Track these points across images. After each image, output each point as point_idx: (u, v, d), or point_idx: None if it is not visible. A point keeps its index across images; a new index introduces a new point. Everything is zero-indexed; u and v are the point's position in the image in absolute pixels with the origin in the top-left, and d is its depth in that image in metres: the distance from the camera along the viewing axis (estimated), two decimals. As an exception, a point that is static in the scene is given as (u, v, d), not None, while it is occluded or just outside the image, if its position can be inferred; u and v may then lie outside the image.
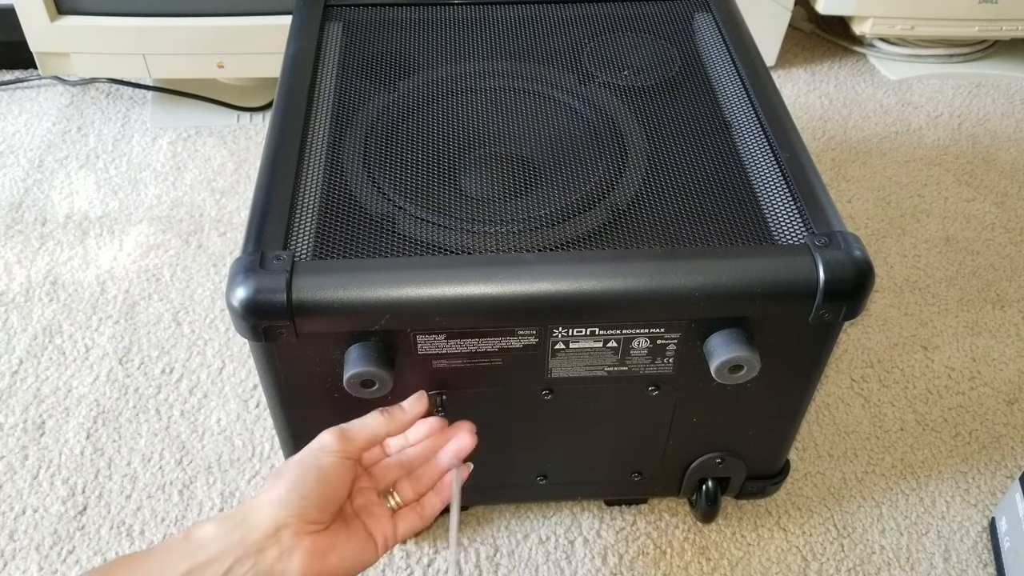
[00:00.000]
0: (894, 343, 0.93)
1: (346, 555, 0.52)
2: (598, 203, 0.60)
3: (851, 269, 0.55)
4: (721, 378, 0.58)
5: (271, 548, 0.48)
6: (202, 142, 1.15)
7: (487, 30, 0.77)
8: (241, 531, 0.48)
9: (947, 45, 1.32)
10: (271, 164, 0.62)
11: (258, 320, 0.53)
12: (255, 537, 0.48)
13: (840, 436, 0.84)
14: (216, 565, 0.47)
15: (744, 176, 0.63)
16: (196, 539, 0.49)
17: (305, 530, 0.50)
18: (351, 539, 0.53)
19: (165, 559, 0.48)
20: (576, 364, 0.60)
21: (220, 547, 0.48)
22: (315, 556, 0.50)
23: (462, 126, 0.67)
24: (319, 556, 0.50)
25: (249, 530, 0.48)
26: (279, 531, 0.49)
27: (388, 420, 0.56)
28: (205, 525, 0.49)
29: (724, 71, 0.73)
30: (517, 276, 0.55)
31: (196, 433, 0.83)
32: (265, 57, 1.08)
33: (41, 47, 1.06)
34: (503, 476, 0.71)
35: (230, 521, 0.49)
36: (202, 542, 0.48)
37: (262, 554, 0.48)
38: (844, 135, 1.20)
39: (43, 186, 1.08)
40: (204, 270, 0.98)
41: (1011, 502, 0.74)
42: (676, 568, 0.74)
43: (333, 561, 0.51)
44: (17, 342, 0.90)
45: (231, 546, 0.48)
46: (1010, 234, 1.06)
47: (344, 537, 0.53)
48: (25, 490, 0.78)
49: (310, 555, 0.49)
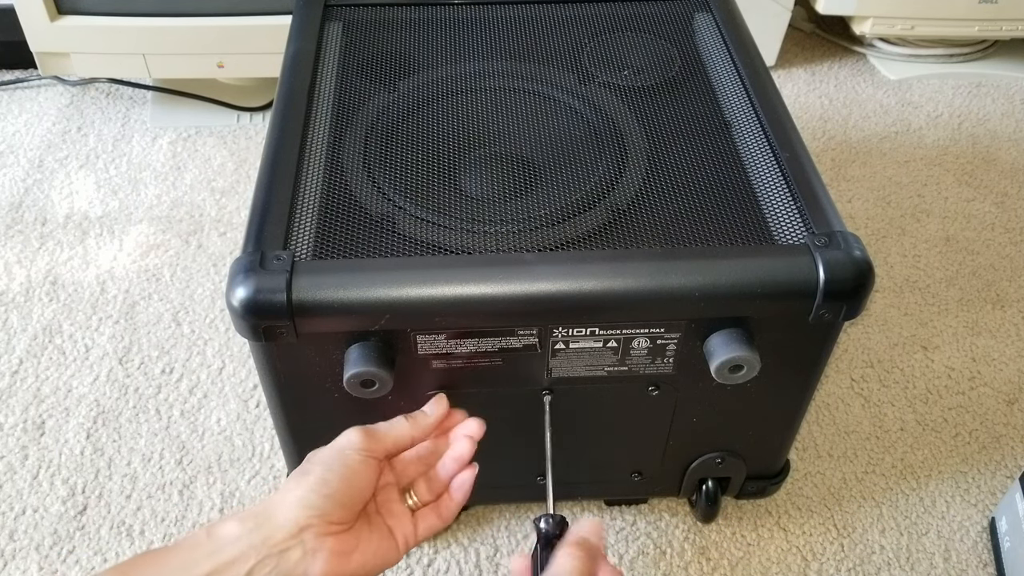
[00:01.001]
0: (894, 343, 0.93)
1: (368, 555, 0.52)
2: (598, 203, 0.60)
3: (851, 269, 0.55)
4: (721, 378, 0.58)
5: (294, 549, 0.48)
6: (202, 142, 1.15)
7: (487, 30, 0.77)
8: (264, 531, 0.48)
9: (947, 45, 1.32)
10: (271, 164, 0.62)
11: (258, 320, 0.53)
12: (278, 537, 0.48)
13: (840, 436, 0.84)
14: (239, 565, 0.47)
15: (744, 176, 0.63)
16: (219, 537, 0.48)
17: (328, 531, 0.50)
18: (373, 539, 0.53)
19: (188, 557, 0.47)
20: (576, 364, 0.60)
21: (243, 547, 0.47)
22: (338, 557, 0.50)
23: (462, 126, 0.67)
24: (342, 557, 0.50)
25: (273, 530, 0.48)
26: (302, 531, 0.48)
27: (413, 426, 0.56)
28: (228, 523, 0.49)
29: (724, 71, 0.73)
30: (517, 276, 0.55)
31: (196, 433, 0.83)
32: (265, 57, 1.08)
33: (41, 47, 1.06)
34: (503, 476, 0.71)
35: (253, 520, 0.49)
36: (225, 541, 0.48)
37: (285, 555, 0.48)
38: (844, 135, 1.20)
39: (43, 186, 1.08)
40: (204, 270, 0.98)
41: (1011, 502, 0.74)
42: (676, 568, 0.74)
43: (356, 561, 0.51)
44: (17, 342, 0.90)
45: (254, 546, 0.48)
46: (1010, 234, 1.06)
47: (367, 537, 0.52)
48: (25, 490, 0.78)
49: (333, 556, 0.49)
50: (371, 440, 0.53)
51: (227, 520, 0.49)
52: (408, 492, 0.57)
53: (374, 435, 0.54)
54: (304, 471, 0.51)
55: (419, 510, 0.57)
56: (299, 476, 0.51)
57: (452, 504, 0.57)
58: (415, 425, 0.56)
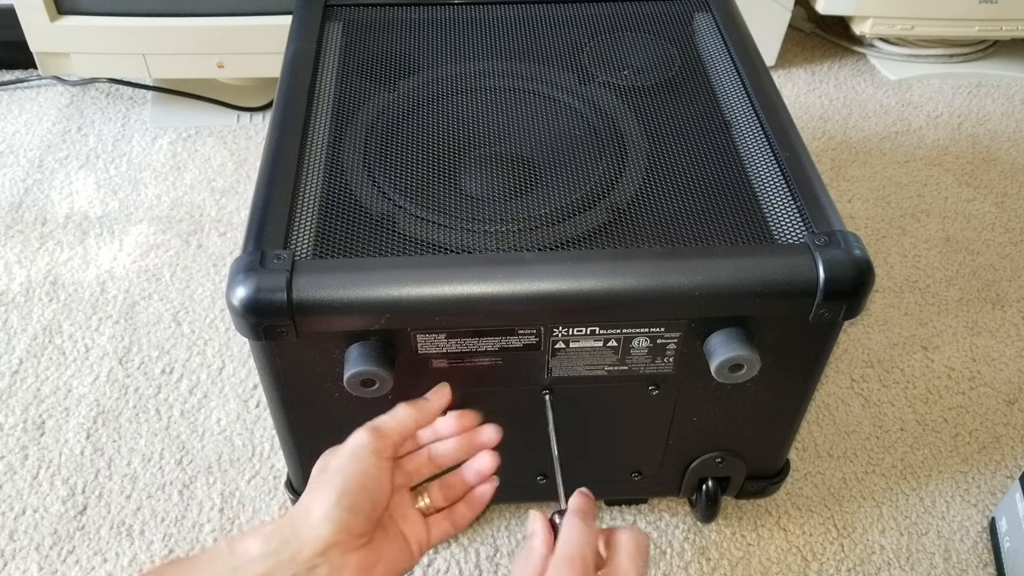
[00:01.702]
0: (894, 343, 0.93)
1: (389, 566, 0.52)
2: (598, 202, 0.60)
3: (851, 268, 0.55)
4: (721, 377, 0.58)
5: (322, 567, 0.48)
6: (202, 142, 1.15)
7: (487, 30, 0.77)
8: (291, 549, 0.48)
9: (947, 45, 1.32)
10: (271, 164, 0.62)
11: (258, 319, 0.53)
12: (305, 555, 0.48)
13: (840, 436, 0.84)
14: None
15: (744, 176, 0.63)
16: (241, 553, 0.48)
17: (353, 546, 0.49)
18: (392, 549, 0.53)
19: (210, 572, 0.47)
20: (576, 364, 0.60)
21: (269, 565, 0.47)
22: (363, 572, 0.50)
23: (462, 125, 0.67)
24: (366, 572, 0.50)
25: (299, 548, 0.48)
26: (329, 549, 0.48)
27: (416, 411, 0.56)
28: (250, 540, 0.48)
29: (724, 71, 0.73)
30: (517, 276, 0.55)
31: (196, 433, 0.83)
32: (265, 57, 1.08)
33: (41, 47, 1.06)
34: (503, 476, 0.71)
35: (278, 537, 0.48)
36: (249, 557, 0.48)
37: (312, 572, 0.48)
38: (844, 135, 1.20)
39: (43, 186, 1.08)
40: (204, 270, 0.98)
41: (1011, 502, 0.74)
42: (676, 568, 0.74)
43: (379, 574, 0.51)
44: (17, 342, 0.90)
45: (280, 564, 0.47)
46: (1010, 234, 1.06)
47: (386, 547, 0.52)
48: (25, 490, 0.78)
49: (359, 572, 0.49)
50: (378, 438, 0.53)
51: (250, 535, 0.49)
52: (421, 495, 0.57)
53: (380, 431, 0.54)
54: (321, 483, 0.51)
55: (431, 516, 0.57)
56: (318, 489, 0.50)
57: (468, 513, 0.58)
58: (418, 410, 0.56)
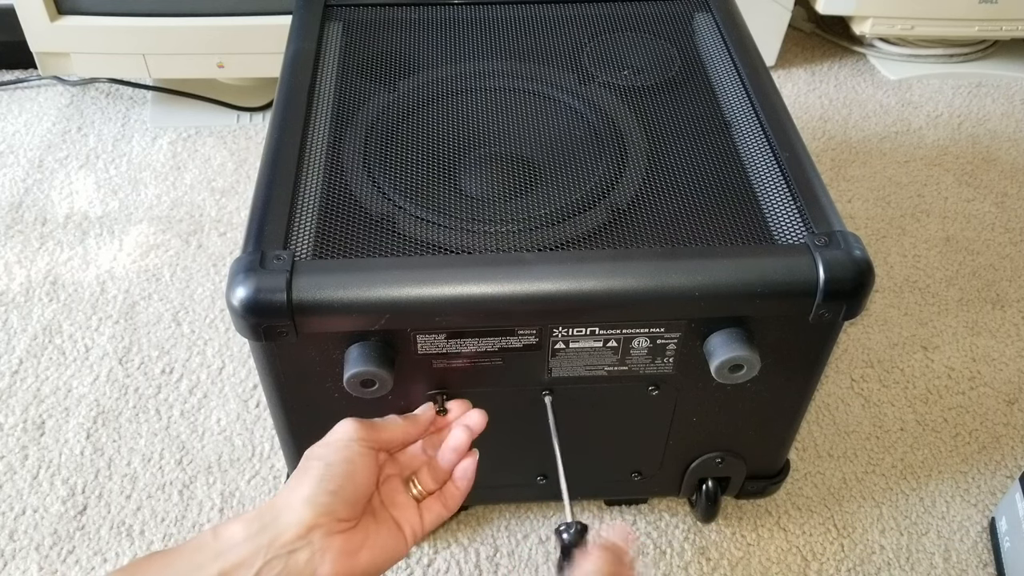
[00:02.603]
0: (894, 343, 0.93)
1: (377, 551, 0.52)
2: (598, 203, 0.60)
3: (851, 269, 0.55)
4: (721, 378, 0.58)
5: (302, 550, 0.48)
6: (202, 142, 1.15)
7: (487, 30, 0.77)
8: (271, 532, 0.48)
9: (947, 45, 1.32)
10: (271, 164, 0.62)
11: (258, 320, 0.53)
12: (286, 538, 0.48)
13: (840, 436, 0.84)
14: (246, 567, 0.47)
15: (744, 176, 0.63)
16: (225, 539, 0.48)
17: (336, 529, 0.49)
18: (380, 533, 0.53)
19: (194, 559, 0.47)
20: (576, 364, 0.60)
21: (250, 549, 0.47)
22: (346, 555, 0.50)
23: (462, 126, 0.67)
24: (350, 555, 0.50)
25: (280, 531, 0.48)
26: (310, 532, 0.48)
27: (407, 423, 0.56)
28: (234, 524, 0.49)
29: (724, 71, 0.73)
30: (517, 276, 0.55)
31: (196, 433, 0.83)
32: (265, 57, 1.08)
33: (41, 47, 1.06)
34: (503, 476, 0.71)
35: (260, 521, 0.49)
36: (232, 543, 0.48)
37: (293, 556, 0.48)
38: (844, 135, 1.20)
39: (43, 186, 1.08)
40: (204, 270, 0.98)
41: (1011, 502, 0.74)
42: (676, 568, 0.74)
43: (364, 558, 0.51)
44: (17, 342, 0.90)
45: (261, 547, 0.47)
46: (1010, 234, 1.06)
47: (374, 532, 0.52)
48: (25, 490, 0.78)
49: (341, 555, 0.49)
50: (368, 430, 0.53)
51: (233, 521, 0.49)
52: (412, 482, 0.57)
53: (369, 424, 0.54)
54: (305, 468, 0.51)
55: (424, 500, 0.57)
56: (301, 474, 0.51)
57: (457, 492, 0.57)
58: (410, 422, 0.56)
